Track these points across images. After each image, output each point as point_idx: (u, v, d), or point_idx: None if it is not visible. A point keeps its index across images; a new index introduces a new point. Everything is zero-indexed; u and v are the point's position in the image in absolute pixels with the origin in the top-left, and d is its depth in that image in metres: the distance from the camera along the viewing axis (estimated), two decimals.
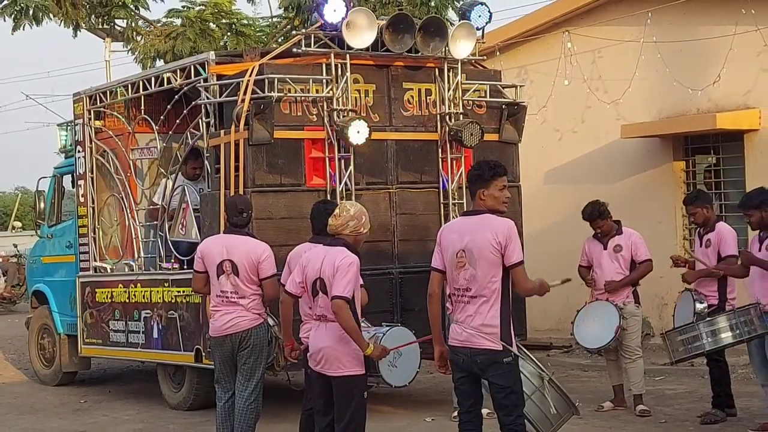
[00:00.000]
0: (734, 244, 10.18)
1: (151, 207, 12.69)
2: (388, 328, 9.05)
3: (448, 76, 11.50)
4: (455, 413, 8.79)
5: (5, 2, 19.51)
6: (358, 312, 7.45)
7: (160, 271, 12.09)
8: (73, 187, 13.80)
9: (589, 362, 12.56)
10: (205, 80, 11.07)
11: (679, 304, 10.45)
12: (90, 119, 13.13)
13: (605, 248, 10.83)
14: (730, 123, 14.66)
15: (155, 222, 12.48)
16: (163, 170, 12.72)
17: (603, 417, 10.63)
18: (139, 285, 12.23)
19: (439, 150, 11.53)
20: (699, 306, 9.96)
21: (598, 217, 10.86)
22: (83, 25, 19.87)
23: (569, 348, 13.64)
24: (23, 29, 19.64)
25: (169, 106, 12.31)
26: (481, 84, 11.88)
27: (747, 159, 14.86)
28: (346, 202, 8.64)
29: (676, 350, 9.77)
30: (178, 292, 11.44)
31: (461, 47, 11.40)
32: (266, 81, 10.58)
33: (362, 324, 7.84)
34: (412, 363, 9.29)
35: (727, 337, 9.46)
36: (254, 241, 8.92)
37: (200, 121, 11.28)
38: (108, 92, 13.05)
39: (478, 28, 11.73)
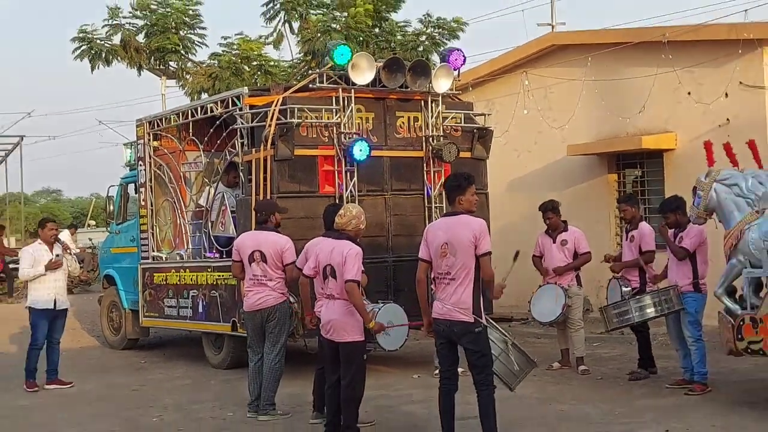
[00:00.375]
0: (652, 241, 10.66)
1: (197, 209, 12.99)
2: (382, 304, 9.20)
3: (431, 106, 11.75)
4: (436, 371, 9.04)
5: (84, 47, 19.26)
6: (360, 290, 7.85)
7: (204, 260, 12.40)
8: (135, 193, 13.92)
9: (541, 332, 12.57)
10: (240, 109, 11.29)
11: (610, 287, 10.81)
12: (149, 140, 13.33)
13: (554, 242, 11.21)
14: (652, 144, 15.14)
15: (200, 221, 12.76)
16: (206, 180, 13.11)
17: (553, 375, 10.92)
18: (187, 270, 12.50)
19: (424, 164, 11.75)
20: (625, 289, 10.40)
21: (550, 210, 11.23)
22: (144, 66, 19.68)
23: (526, 320, 13.68)
24: (98, 68, 19.40)
25: (211, 130, 12.63)
26: (457, 113, 12.20)
27: (666, 172, 15.34)
28: (349, 204, 8.95)
29: (610, 321, 10.22)
30: (218, 276, 11.73)
31: (441, 84, 11.69)
32: (288, 110, 10.90)
33: (366, 301, 8.38)
34: (402, 332, 9.31)
35: (651, 311, 9.88)
36: (278, 235, 9.23)
37: (236, 141, 11.52)
38: (163, 119, 13.36)
39: (454, 69, 12.04)
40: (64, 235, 23.74)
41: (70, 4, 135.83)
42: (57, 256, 11.31)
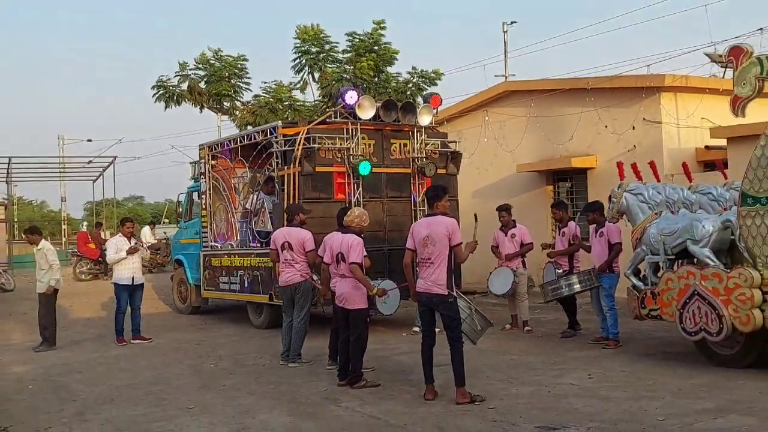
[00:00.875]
0: (579, 235, 10.66)
1: (244, 211, 13.08)
2: (380, 280, 9.17)
3: (417, 135, 11.83)
4: (415, 328, 9.08)
5: (160, 92, 19.32)
6: (363, 271, 7.90)
7: (249, 248, 12.45)
8: (198, 199, 13.86)
9: (497, 302, 12.52)
10: (276, 137, 11.34)
11: (546, 269, 10.87)
12: (208, 159, 13.37)
13: (506, 235, 11.27)
14: (579, 163, 15.29)
15: (246, 219, 12.91)
16: (251, 189, 13.24)
17: (505, 334, 11.01)
18: (236, 256, 12.56)
19: (411, 178, 11.71)
20: (558, 271, 10.48)
21: (504, 210, 11.34)
22: (204, 105, 19.73)
23: (485, 293, 13.54)
24: (170, 107, 19.45)
25: (254, 152, 12.74)
26: (435, 140, 12.22)
27: (589, 185, 15.55)
28: (355, 208, 8.84)
29: (547, 294, 10.41)
30: (259, 260, 11.79)
31: (424, 119, 11.87)
32: (311, 138, 10.96)
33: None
34: (396, 301, 9.43)
35: (577, 287, 10.10)
36: (301, 230, 9.27)
37: (273, 161, 11.57)
38: (219, 144, 13.38)
39: (434, 108, 12.21)
40: (146, 230, 23.85)
41: (150, 60, 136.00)
42: (135, 244, 11.54)
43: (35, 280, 11.49)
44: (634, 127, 14.20)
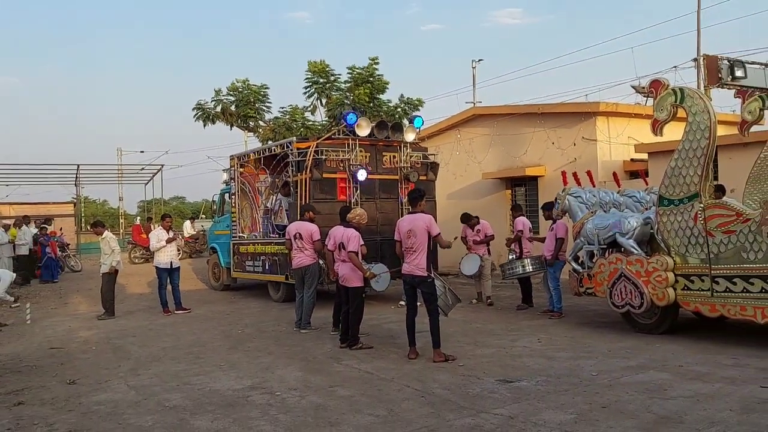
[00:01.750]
0: (528, 229, 10.60)
1: (265, 209, 12.85)
2: (373, 264, 9.07)
3: (403, 149, 11.76)
4: (401, 302, 8.98)
5: (199, 113, 19.23)
6: (360, 257, 7.87)
7: (269, 238, 12.33)
8: (229, 199, 13.73)
9: (465, 281, 12.48)
10: (291, 150, 11.10)
11: (508, 256, 10.69)
12: (237, 167, 13.20)
13: (472, 230, 11.12)
14: (532, 172, 15.46)
15: (267, 216, 12.83)
16: (271, 191, 13.18)
17: (472, 307, 10.91)
18: (259, 245, 12.37)
19: (399, 183, 11.58)
20: (512, 256, 10.54)
21: (465, 222, 11.17)
22: (234, 124, 19.58)
23: (457, 275, 13.54)
24: (207, 126, 19.35)
25: (274, 162, 12.66)
26: (418, 153, 12.15)
27: (539, 189, 15.35)
28: (356, 207, 8.89)
29: (505, 274, 10.25)
30: (277, 248, 11.68)
31: (409, 136, 11.86)
32: (320, 150, 10.90)
33: (363, 262, 8.25)
34: (387, 281, 9.35)
35: (529, 269, 10.04)
36: (310, 224, 9.24)
37: (289, 169, 11.45)
38: (246, 155, 13.14)
39: (417, 128, 12.11)
40: (187, 224, 23.72)
41: (191, 87, 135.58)
42: (172, 236, 11.38)
43: (99, 264, 11.44)
44: (575, 144, 14.21)
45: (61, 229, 22.05)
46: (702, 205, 7.05)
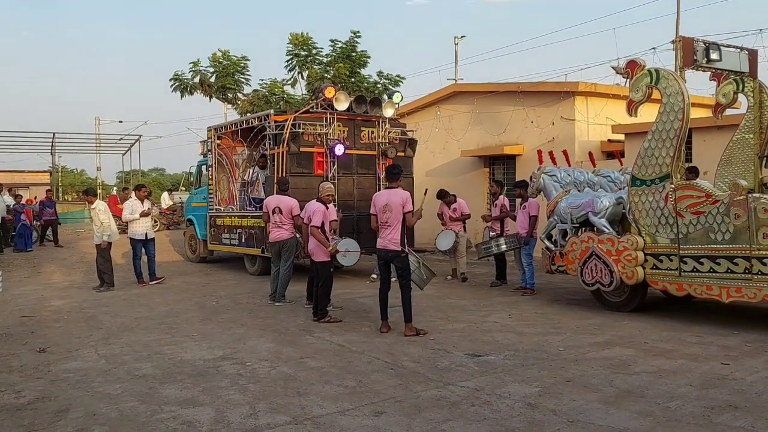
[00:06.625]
0: (507, 206, 10.59)
1: (242, 181, 12.77)
2: (340, 238, 9.02)
3: (382, 125, 11.62)
4: (373, 275, 8.95)
5: (176, 84, 18.89)
6: (326, 232, 7.89)
7: (246, 211, 12.25)
8: (206, 171, 13.60)
9: (440, 257, 12.56)
10: (269, 123, 10.97)
11: (484, 233, 10.99)
12: (215, 139, 13.07)
13: (449, 207, 11.20)
14: (510, 151, 15.54)
15: (244, 188, 12.70)
16: (248, 164, 13.10)
17: (447, 283, 10.99)
18: (235, 217, 12.30)
19: (377, 159, 11.55)
20: (491, 234, 10.51)
21: (441, 198, 11.21)
22: (213, 95, 19.28)
23: (433, 251, 13.62)
24: (185, 97, 19.04)
25: (251, 134, 12.65)
26: (396, 129, 12.06)
27: (517, 167, 15.49)
28: (324, 182, 8.52)
29: (481, 252, 10.23)
30: (254, 221, 11.63)
31: (388, 112, 11.77)
32: (297, 124, 10.74)
33: (332, 236, 8.35)
34: (355, 256, 9.09)
35: (504, 247, 10.07)
36: (289, 197, 8.99)
37: (266, 141, 11.38)
38: (223, 127, 12.93)
39: (396, 103, 11.96)
40: (165, 195, 23.46)
41: (169, 60, 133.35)
42: (147, 208, 11.19)
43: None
44: (553, 123, 14.28)
45: (35, 197, 21.70)
46: (673, 186, 7.13)
